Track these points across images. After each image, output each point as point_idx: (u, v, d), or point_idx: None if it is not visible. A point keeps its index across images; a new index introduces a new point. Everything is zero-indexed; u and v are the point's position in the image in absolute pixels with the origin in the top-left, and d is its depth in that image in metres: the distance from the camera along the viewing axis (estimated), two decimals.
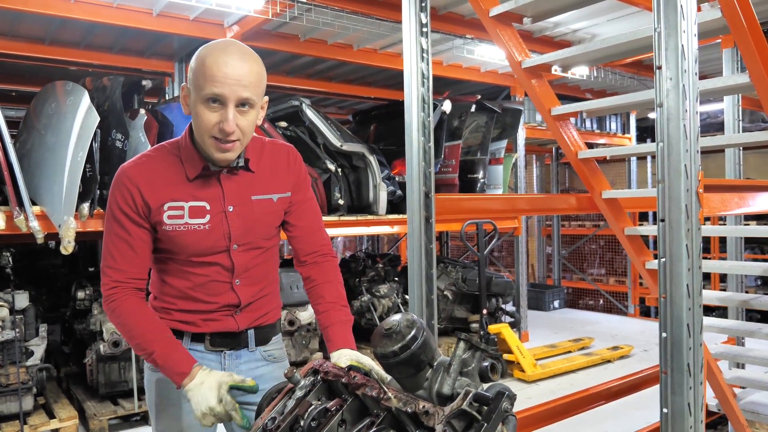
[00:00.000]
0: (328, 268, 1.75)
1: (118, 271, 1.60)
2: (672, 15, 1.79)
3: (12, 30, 4.99)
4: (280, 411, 1.41)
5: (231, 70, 1.46)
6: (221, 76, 1.45)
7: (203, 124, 1.50)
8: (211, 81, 1.45)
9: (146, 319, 1.60)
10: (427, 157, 2.73)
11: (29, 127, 4.43)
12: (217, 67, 1.45)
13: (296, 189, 1.73)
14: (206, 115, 1.49)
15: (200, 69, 1.48)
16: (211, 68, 1.46)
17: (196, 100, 1.50)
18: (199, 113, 1.50)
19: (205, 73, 1.46)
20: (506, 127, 6.24)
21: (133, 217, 1.59)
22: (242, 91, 1.47)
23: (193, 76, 1.51)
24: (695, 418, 1.77)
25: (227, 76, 1.45)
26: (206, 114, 1.49)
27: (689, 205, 1.79)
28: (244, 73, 1.47)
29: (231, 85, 1.46)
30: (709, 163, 8.32)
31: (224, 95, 1.46)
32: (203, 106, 1.48)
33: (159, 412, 1.76)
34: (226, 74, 1.45)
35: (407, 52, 2.74)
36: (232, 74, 1.45)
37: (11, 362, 3.85)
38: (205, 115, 1.49)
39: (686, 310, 1.79)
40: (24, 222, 3.59)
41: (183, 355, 1.57)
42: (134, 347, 1.60)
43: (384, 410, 1.28)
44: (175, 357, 1.55)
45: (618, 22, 5.18)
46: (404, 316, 1.34)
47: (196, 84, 1.49)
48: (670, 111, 1.81)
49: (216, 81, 1.45)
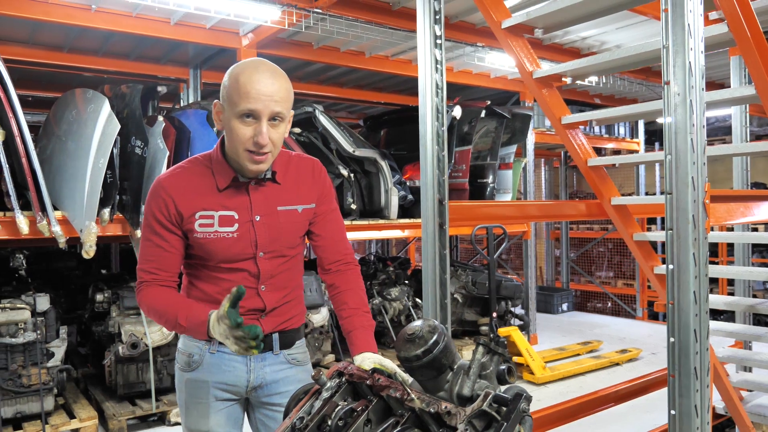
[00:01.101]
0: (350, 276, 1.85)
1: (150, 273, 1.71)
2: (680, 33, 1.87)
3: (32, 38, 5.11)
4: (307, 411, 1.48)
5: (263, 87, 1.57)
6: (255, 93, 1.56)
7: (238, 138, 1.60)
8: (246, 98, 1.56)
9: (168, 297, 1.70)
10: (441, 165, 2.81)
11: (49, 133, 4.54)
12: (251, 85, 1.56)
13: (321, 201, 1.82)
14: (241, 129, 1.59)
15: (234, 87, 1.59)
16: (245, 86, 1.57)
17: (230, 116, 1.61)
18: (234, 128, 1.60)
19: (239, 91, 1.57)
20: (516, 132, 6.31)
21: (167, 225, 1.69)
22: (274, 106, 1.58)
23: (226, 93, 1.61)
24: (702, 419, 1.84)
25: (260, 92, 1.56)
26: (241, 128, 1.59)
27: (696, 216, 1.87)
28: (275, 89, 1.59)
29: (264, 100, 1.57)
30: (717, 167, 8.35)
31: (258, 110, 1.57)
32: (238, 121, 1.59)
33: (188, 410, 1.84)
34: (259, 91, 1.56)
35: (422, 64, 2.81)
36: (264, 91, 1.57)
37: (33, 363, 3.94)
38: (240, 129, 1.59)
39: (693, 316, 1.87)
40: (46, 227, 3.69)
41: (200, 308, 1.63)
42: (165, 325, 1.68)
43: (408, 410, 1.36)
44: (194, 312, 1.63)
45: (627, 30, 5.25)
46: (426, 321, 1.42)
47: (231, 101, 1.60)
48: (678, 125, 1.89)
49: (250, 97, 1.56)
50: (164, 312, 1.66)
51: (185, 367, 1.82)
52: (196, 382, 1.80)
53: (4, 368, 3.85)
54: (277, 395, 1.83)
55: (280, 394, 1.82)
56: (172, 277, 1.73)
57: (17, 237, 3.66)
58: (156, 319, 1.70)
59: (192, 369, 1.81)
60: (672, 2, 1.90)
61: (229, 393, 1.82)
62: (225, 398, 1.82)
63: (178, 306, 1.65)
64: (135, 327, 4.31)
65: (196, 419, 1.83)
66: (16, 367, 3.90)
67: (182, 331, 1.67)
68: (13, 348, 3.90)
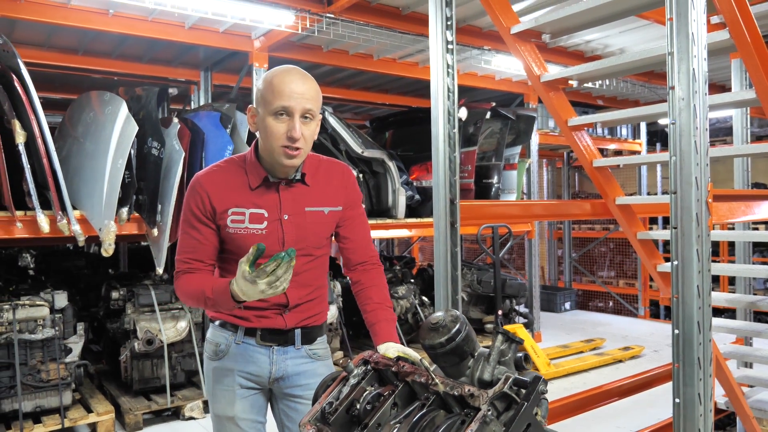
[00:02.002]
0: (375, 274, 1.96)
1: (186, 262, 1.82)
2: (684, 41, 1.97)
3: (48, 41, 5.22)
4: (335, 397, 1.58)
5: (296, 86, 1.71)
6: (288, 92, 1.70)
7: (273, 135, 1.72)
8: (279, 96, 1.69)
9: (199, 278, 1.79)
10: (453, 166, 2.91)
11: (65, 134, 4.64)
12: (284, 85, 1.70)
13: (348, 205, 1.93)
14: (275, 126, 1.72)
15: (269, 88, 1.72)
16: (278, 86, 1.70)
17: (264, 115, 1.73)
18: (269, 125, 1.72)
19: (273, 91, 1.70)
20: (520, 133, 6.41)
21: (203, 219, 1.81)
22: (306, 103, 1.71)
23: (261, 96, 1.74)
24: (705, 407, 1.95)
25: (293, 91, 1.70)
26: (275, 125, 1.72)
27: (699, 214, 1.97)
28: (306, 88, 1.72)
29: (296, 98, 1.70)
30: (719, 167, 8.42)
31: (291, 107, 1.70)
32: (272, 118, 1.72)
33: (215, 397, 1.95)
34: (292, 89, 1.70)
35: (434, 68, 2.92)
36: (297, 89, 1.70)
37: (51, 359, 4.05)
38: (274, 126, 1.72)
39: (696, 309, 1.97)
40: (66, 225, 3.79)
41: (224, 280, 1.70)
42: (197, 303, 1.76)
43: (432, 394, 1.46)
44: (218, 283, 1.70)
45: (630, 33, 5.35)
46: (449, 312, 1.53)
47: (265, 101, 1.72)
48: (682, 128, 2.00)
49: (284, 95, 1.69)
50: (194, 291, 1.75)
51: (213, 356, 1.93)
52: (222, 370, 1.91)
53: (24, 363, 3.95)
54: (298, 387, 1.92)
55: (300, 387, 1.91)
56: (207, 267, 1.84)
57: (38, 235, 3.75)
58: (187, 300, 1.79)
59: (219, 358, 1.91)
60: (677, 12, 2.01)
61: (252, 382, 1.92)
62: (249, 386, 1.92)
63: (206, 283, 1.75)
64: (150, 324, 4.41)
65: (223, 406, 1.93)
66: (35, 362, 4.00)
67: (212, 305, 1.72)
68: (32, 344, 4.00)
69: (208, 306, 1.75)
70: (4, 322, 3.90)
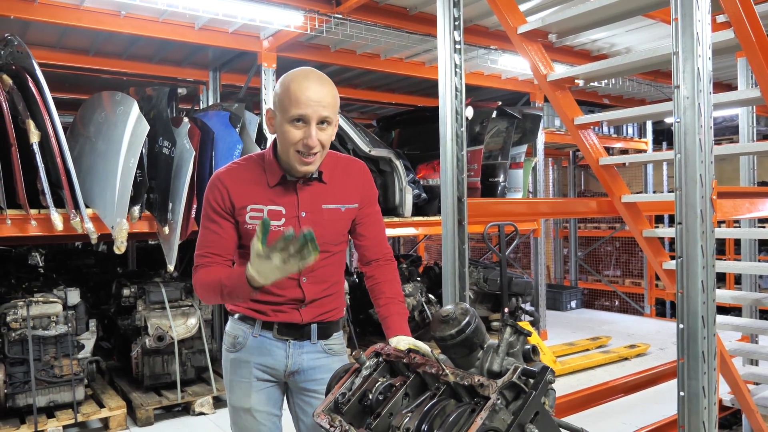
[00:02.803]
0: (388, 269, 2.01)
1: (205, 257, 1.85)
2: (689, 41, 2.01)
3: (59, 42, 5.29)
4: (348, 387, 1.62)
5: (313, 93, 1.72)
6: (305, 99, 1.71)
7: (289, 140, 1.76)
8: (296, 104, 1.71)
9: (215, 271, 1.81)
10: (460, 165, 2.96)
11: (76, 134, 4.70)
12: (300, 92, 1.72)
13: (365, 203, 1.97)
14: (292, 132, 1.74)
15: (286, 94, 1.74)
16: (295, 93, 1.72)
17: (282, 121, 1.76)
18: (285, 131, 1.75)
19: (290, 98, 1.72)
20: (526, 132, 6.45)
21: (221, 213, 1.85)
22: (322, 111, 1.73)
23: (278, 100, 1.77)
24: (709, 400, 1.99)
25: (310, 98, 1.71)
26: (292, 132, 1.74)
27: (704, 210, 2.01)
28: (323, 95, 1.74)
29: (313, 106, 1.72)
30: (725, 166, 8.41)
31: (307, 115, 1.72)
32: (289, 125, 1.74)
33: (232, 388, 1.99)
34: (309, 97, 1.71)
35: (442, 68, 2.96)
36: (313, 97, 1.72)
37: (64, 355, 4.11)
38: (291, 132, 1.75)
39: (701, 303, 2.01)
40: (80, 224, 3.85)
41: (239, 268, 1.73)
42: (213, 296, 1.78)
43: (443, 385, 1.50)
44: (233, 272, 1.75)
45: (637, 32, 5.37)
46: (459, 305, 1.57)
47: (282, 107, 1.75)
48: (687, 126, 2.03)
49: (300, 103, 1.71)
50: (211, 282, 1.78)
51: (231, 348, 1.98)
52: (239, 362, 1.96)
53: (38, 359, 4.02)
54: (312, 382, 1.96)
55: (315, 381, 1.95)
56: (226, 261, 1.87)
57: (52, 233, 3.82)
58: (205, 293, 1.81)
59: (237, 350, 1.96)
60: (682, 12, 2.05)
61: (268, 375, 1.96)
62: (265, 379, 1.96)
63: (222, 274, 1.78)
64: (161, 320, 4.47)
65: (239, 396, 1.98)
66: (49, 358, 4.07)
67: (228, 294, 1.73)
68: (46, 340, 4.07)
69: (225, 297, 1.76)
70: (18, 318, 3.97)
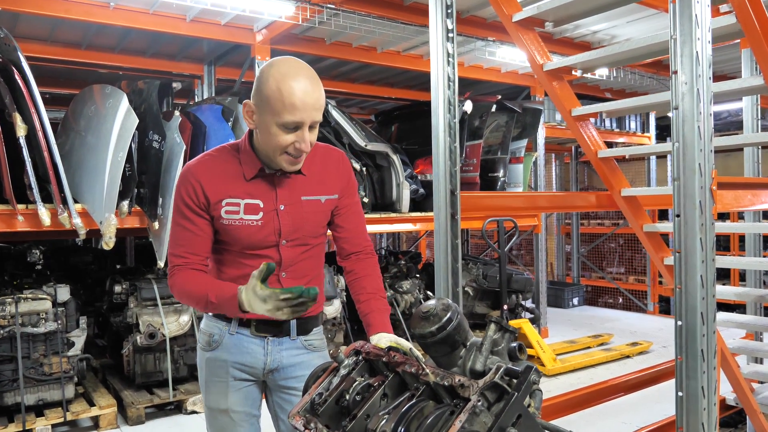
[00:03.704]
0: (369, 264, 1.92)
1: (181, 256, 1.76)
2: (687, 24, 1.91)
3: (51, 36, 5.22)
4: (326, 387, 1.54)
5: (308, 97, 1.61)
6: (301, 105, 1.60)
7: (279, 144, 1.65)
8: (291, 110, 1.60)
9: (199, 279, 1.74)
10: (453, 156, 2.86)
11: (68, 128, 4.64)
12: (295, 97, 1.60)
13: (344, 193, 1.88)
14: (282, 136, 1.64)
15: (277, 96, 1.61)
16: (289, 97, 1.60)
17: (270, 122, 1.64)
18: (274, 134, 1.65)
19: (283, 102, 1.60)
20: (526, 126, 6.35)
21: (195, 209, 1.75)
22: (316, 115, 1.64)
23: (265, 98, 1.63)
24: (708, 400, 1.89)
25: (305, 103, 1.61)
26: (282, 135, 1.64)
27: (703, 202, 1.91)
28: (317, 97, 1.64)
29: (308, 110, 1.62)
30: (730, 162, 8.31)
31: (303, 121, 1.63)
32: (279, 128, 1.64)
33: (208, 388, 1.92)
34: (305, 102, 1.60)
35: (434, 57, 2.87)
36: (308, 101, 1.61)
37: (54, 352, 4.05)
38: (281, 136, 1.64)
39: (700, 299, 1.91)
40: (68, 219, 3.78)
41: (228, 285, 1.69)
42: (196, 305, 1.73)
43: (422, 385, 1.42)
44: (224, 289, 1.67)
45: (637, 23, 5.27)
46: (440, 300, 1.48)
47: (272, 109, 1.62)
48: (685, 113, 1.94)
49: (296, 109, 1.60)
50: (195, 293, 1.71)
51: (206, 346, 1.89)
52: (215, 361, 1.87)
53: (27, 357, 3.96)
54: (293, 379, 1.88)
55: (296, 378, 1.87)
56: (203, 261, 1.78)
57: (39, 229, 3.75)
58: (187, 301, 1.75)
59: (212, 348, 1.88)
60: None
61: (246, 374, 1.88)
62: (243, 378, 1.88)
63: (208, 286, 1.70)
64: (152, 318, 4.40)
65: (215, 397, 1.90)
66: (38, 355, 4.01)
67: (213, 309, 1.72)
68: (35, 337, 4.00)
69: (209, 308, 1.72)
70: (7, 315, 3.90)
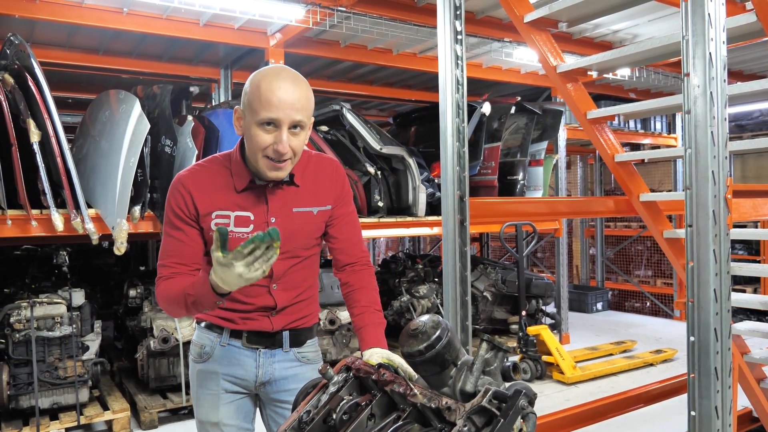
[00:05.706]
0: (364, 275, 1.86)
1: (169, 267, 1.71)
2: (699, 23, 1.81)
3: (69, 41, 5.27)
4: (314, 405, 1.49)
5: (285, 94, 1.57)
6: (276, 101, 1.56)
7: (258, 145, 1.61)
8: (267, 106, 1.56)
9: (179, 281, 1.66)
10: (462, 161, 2.79)
11: (85, 133, 4.68)
12: (272, 93, 1.56)
13: (338, 203, 1.82)
14: (261, 136, 1.60)
15: (255, 94, 1.59)
16: (266, 94, 1.57)
17: (251, 123, 1.61)
18: (254, 135, 1.61)
19: (260, 99, 1.57)
20: (547, 128, 6.22)
21: (185, 219, 1.71)
22: (295, 115, 1.58)
23: (247, 100, 1.62)
24: (723, 421, 1.79)
25: (282, 101, 1.56)
26: (261, 135, 1.60)
27: (717, 211, 1.81)
28: (296, 97, 1.58)
29: (285, 109, 1.57)
30: (763, 162, 8.00)
31: (279, 119, 1.58)
32: (258, 128, 1.60)
33: (199, 401, 1.88)
34: (281, 99, 1.56)
35: (442, 59, 2.80)
36: (286, 98, 1.57)
37: (68, 356, 4.07)
38: (260, 136, 1.60)
39: (713, 314, 1.81)
40: (80, 224, 3.80)
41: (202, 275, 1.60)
42: (178, 308, 1.65)
43: (410, 405, 1.36)
44: (197, 278, 1.61)
45: (659, 22, 5.12)
46: (431, 317, 1.42)
47: (252, 108, 1.60)
48: (698, 118, 1.84)
49: (272, 106, 1.56)
50: (175, 294, 1.63)
51: (197, 358, 1.86)
52: (206, 373, 1.83)
53: (42, 360, 3.99)
54: (285, 392, 1.83)
55: (288, 391, 1.82)
56: (191, 272, 1.72)
57: (53, 234, 3.77)
58: (169, 306, 1.67)
59: (203, 360, 1.84)
60: None
61: (238, 386, 1.84)
62: (235, 390, 1.84)
63: (186, 284, 1.63)
64: (166, 322, 4.40)
65: (206, 410, 1.86)
66: (53, 359, 4.04)
67: (193, 303, 1.60)
68: (50, 341, 4.03)
69: (191, 307, 1.63)
70: (22, 319, 3.94)
